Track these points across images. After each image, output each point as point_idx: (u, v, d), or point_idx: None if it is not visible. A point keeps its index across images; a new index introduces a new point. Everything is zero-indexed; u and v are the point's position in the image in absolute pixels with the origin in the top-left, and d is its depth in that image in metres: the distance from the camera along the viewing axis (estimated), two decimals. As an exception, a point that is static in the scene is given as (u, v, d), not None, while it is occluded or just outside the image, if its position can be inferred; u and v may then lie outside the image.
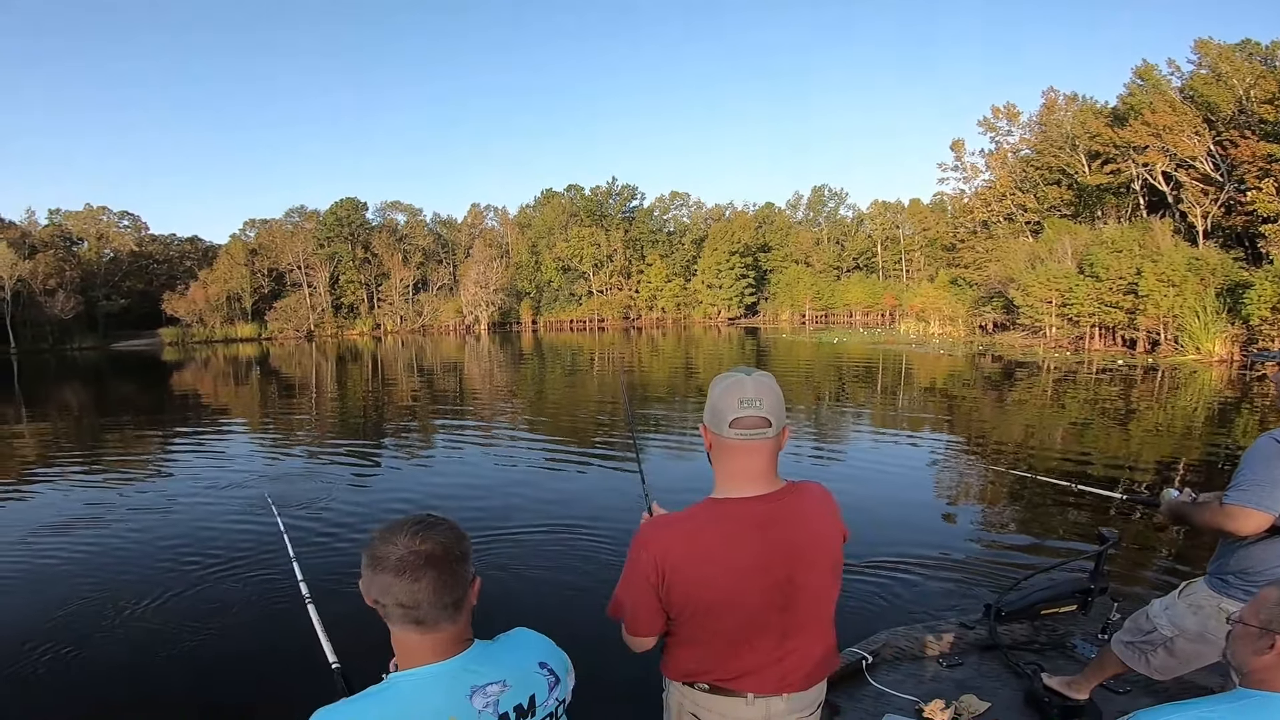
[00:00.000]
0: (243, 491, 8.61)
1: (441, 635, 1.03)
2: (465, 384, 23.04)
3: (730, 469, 1.39)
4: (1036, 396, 16.35)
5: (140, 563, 6.13)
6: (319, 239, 63.37)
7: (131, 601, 5.19)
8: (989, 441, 11.10)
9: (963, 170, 43.50)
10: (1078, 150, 35.52)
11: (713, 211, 75.29)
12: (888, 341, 35.53)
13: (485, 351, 39.35)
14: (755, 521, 1.35)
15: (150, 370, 35.25)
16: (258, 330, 60.14)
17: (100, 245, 63.81)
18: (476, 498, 8.04)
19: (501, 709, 1.03)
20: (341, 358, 38.50)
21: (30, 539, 6.90)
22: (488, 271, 61.89)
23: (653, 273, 66.69)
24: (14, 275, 51.47)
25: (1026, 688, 2.74)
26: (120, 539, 6.84)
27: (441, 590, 1.00)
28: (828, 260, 69.39)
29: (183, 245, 70.62)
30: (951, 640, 3.16)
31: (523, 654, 1.12)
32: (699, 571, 1.33)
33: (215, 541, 6.57)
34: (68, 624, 4.86)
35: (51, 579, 5.78)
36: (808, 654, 1.44)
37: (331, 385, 24.57)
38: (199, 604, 5.15)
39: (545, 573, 5.53)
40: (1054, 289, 28.73)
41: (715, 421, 1.37)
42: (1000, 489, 8.20)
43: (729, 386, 1.37)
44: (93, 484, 9.56)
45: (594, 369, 27.32)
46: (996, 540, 6.29)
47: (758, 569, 1.34)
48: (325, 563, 5.85)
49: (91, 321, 58.40)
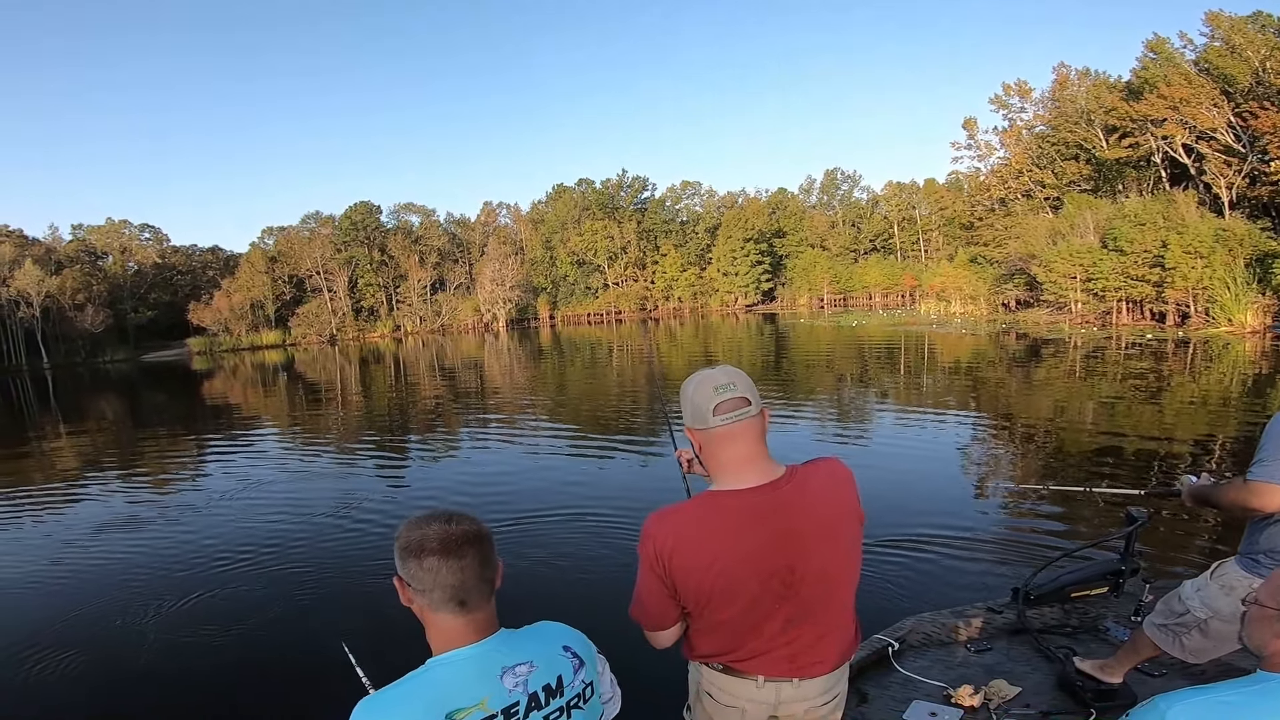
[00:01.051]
0: (273, 491, 8.84)
1: (479, 616, 1.09)
2: (487, 381, 23.27)
3: (723, 459, 1.39)
4: (1064, 373, 16.10)
5: (175, 563, 6.37)
6: (336, 244, 64.17)
7: (166, 600, 5.42)
8: (1016, 421, 10.97)
9: (977, 148, 42.71)
10: (1094, 125, 34.69)
11: (725, 199, 74.83)
12: (908, 322, 35.14)
13: (505, 348, 39.64)
14: (753, 512, 1.35)
15: (181, 380, 36.07)
16: (282, 336, 61.15)
17: (124, 258, 65.21)
18: (503, 488, 8.19)
19: (530, 688, 1.07)
20: (364, 360, 39.04)
21: (73, 542, 7.20)
22: (503, 269, 62.22)
23: (667, 263, 66.51)
24: (42, 291, 52.84)
25: (1058, 672, 2.70)
26: (157, 541, 7.11)
27: (483, 566, 1.08)
28: (844, 243, 68.65)
29: (204, 255, 71.89)
30: (979, 625, 3.12)
31: (546, 638, 1.16)
32: (696, 560, 1.34)
33: (245, 541, 6.82)
34: (98, 622, 5.11)
35: (94, 580, 6.05)
36: (817, 640, 1.44)
37: (356, 387, 24.97)
38: (229, 602, 5.35)
39: (572, 561, 5.67)
40: (1077, 264, 28.18)
41: (698, 417, 1.38)
42: (1026, 470, 8.12)
43: (700, 381, 1.40)
44: (130, 490, 9.89)
45: (613, 361, 27.42)
46: (1022, 523, 6.24)
47: (755, 557, 1.34)
48: (362, 553, 6.03)
49: (122, 334, 59.81)
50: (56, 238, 63.55)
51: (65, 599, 5.73)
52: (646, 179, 69.55)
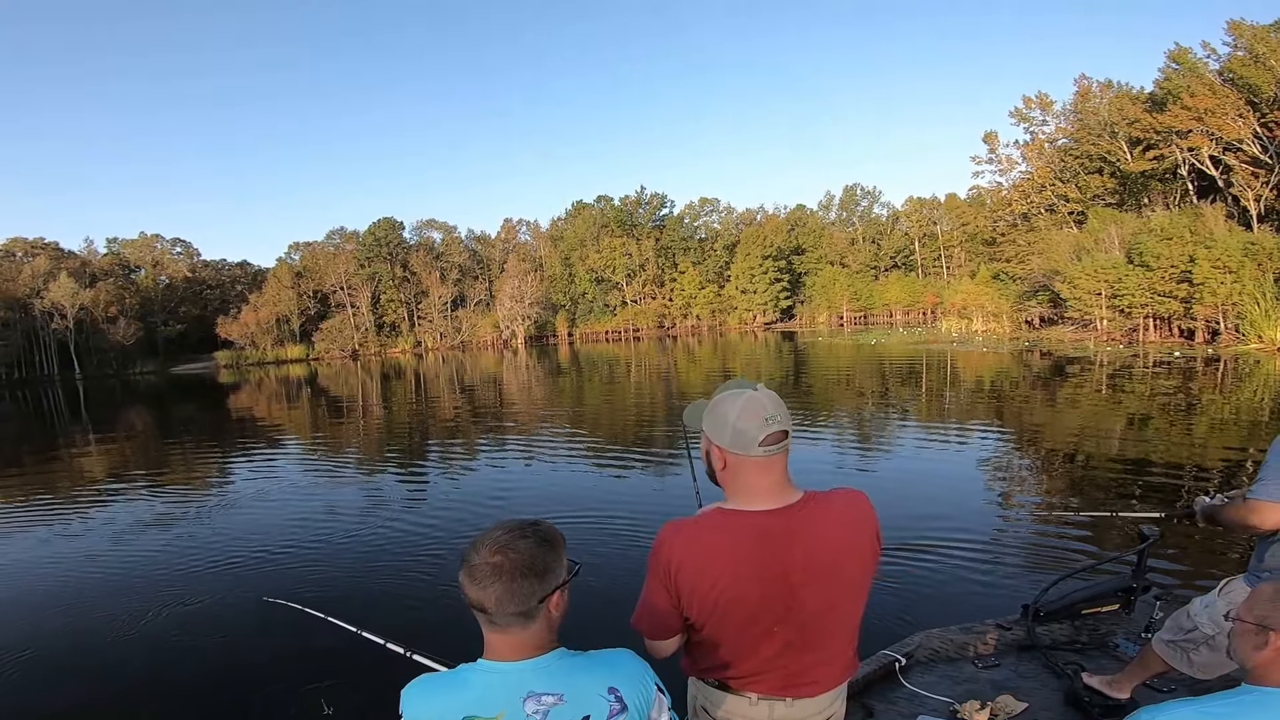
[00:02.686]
0: (297, 501, 8.98)
1: (512, 637, 1.10)
2: (505, 397, 23.45)
3: (747, 484, 1.39)
4: (1090, 391, 15.80)
5: (199, 564, 6.49)
6: (359, 259, 65.42)
7: (176, 602, 5.53)
8: (1040, 440, 10.79)
9: (998, 163, 42.38)
10: (1118, 137, 34.27)
11: (743, 216, 75.00)
12: (930, 340, 34.76)
13: (523, 365, 39.93)
14: (759, 533, 1.36)
15: (209, 392, 36.85)
16: (306, 351, 62.30)
17: (156, 272, 67.10)
18: (518, 499, 8.23)
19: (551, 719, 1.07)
20: (386, 375, 39.55)
21: (99, 545, 7.37)
22: (522, 285, 62.87)
23: (685, 280, 66.69)
24: (76, 304, 54.49)
25: (1066, 688, 2.68)
26: (180, 544, 7.24)
27: (506, 601, 1.07)
28: (864, 260, 68.32)
29: (233, 270, 73.74)
30: (987, 641, 3.10)
31: (595, 674, 1.12)
32: (702, 574, 1.36)
33: (268, 545, 6.94)
34: (117, 619, 5.22)
35: (119, 580, 6.18)
36: (814, 664, 1.44)
37: (378, 402, 25.30)
38: (248, 603, 5.42)
39: (591, 570, 5.67)
40: (1103, 280, 27.72)
41: (740, 443, 1.36)
42: (1049, 488, 8.00)
43: (748, 405, 1.37)
44: (156, 497, 10.10)
45: (631, 379, 27.48)
46: (1036, 540, 6.19)
47: (756, 578, 1.36)
48: (382, 558, 6.11)
49: (152, 347, 61.41)
50: (91, 250, 65.61)
51: (92, 598, 5.89)
52: (665, 196, 70.12)
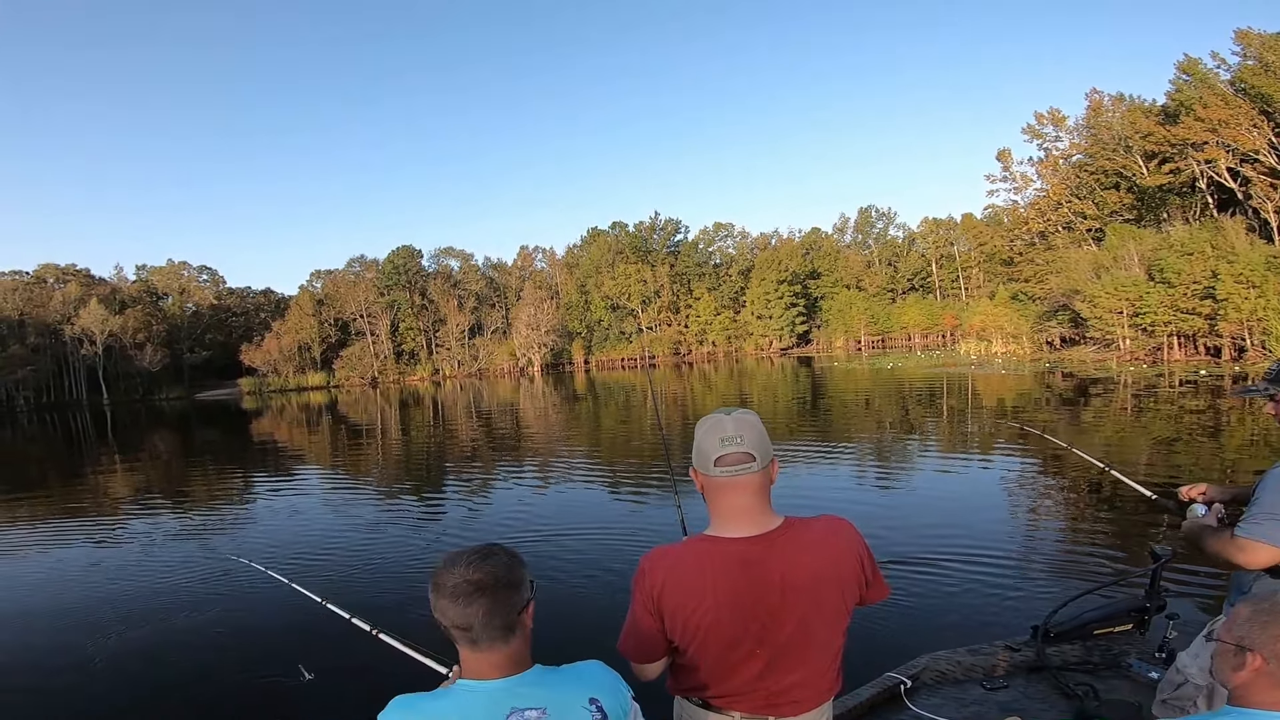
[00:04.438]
0: (312, 522, 9.06)
1: (494, 655, 1.12)
2: (521, 425, 23.53)
3: (719, 507, 1.44)
4: (1115, 412, 15.51)
5: (211, 580, 6.58)
6: (379, 287, 66.59)
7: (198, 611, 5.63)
8: (1065, 463, 10.57)
9: (1012, 180, 42.19)
10: (1132, 151, 34.03)
11: (758, 240, 75.24)
12: (948, 364, 34.37)
13: (539, 392, 40.10)
14: (737, 560, 1.40)
15: (232, 418, 37.42)
16: (326, 378, 63.20)
17: (183, 299, 68.86)
18: (530, 530, 8.24)
19: None
20: (404, 403, 39.92)
21: (117, 559, 7.48)
22: (539, 313, 63.36)
23: (701, 306, 66.82)
24: (105, 330, 55.88)
25: (1077, 709, 2.61)
26: (196, 564, 7.34)
27: (492, 615, 1.10)
28: (880, 283, 68.01)
29: (257, 298, 75.43)
30: (996, 663, 3.04)
31: (575, 686, 1.15)
32: (684, 599, 1.40)
33: (283, 565, 6.96)
34: (132, 625, 5.30)
35: (133, 591, 6.28)
36: (794, 685, 1.47)
37: (396, 429, 25.51)
38: (260, 618, 5.49)
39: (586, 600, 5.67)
40: (1123, 298, 27.36)
41: (702, 462, 1.43)
42: (1054, 510, 7.88)
43: (710, 426, 1.43)
44: (176, 518, 10.24)
45: (646, 406, 27.46)
46: (1044, 562, 6.11)
47: (733, 604, 1.39)
48: (393, 590, 6.14)
49: (178, 373, 62.69)
50: (121, 277, 67.53)
51: (113, 606, 6.10)
52: (679, 221, 70.72)
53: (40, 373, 54.18)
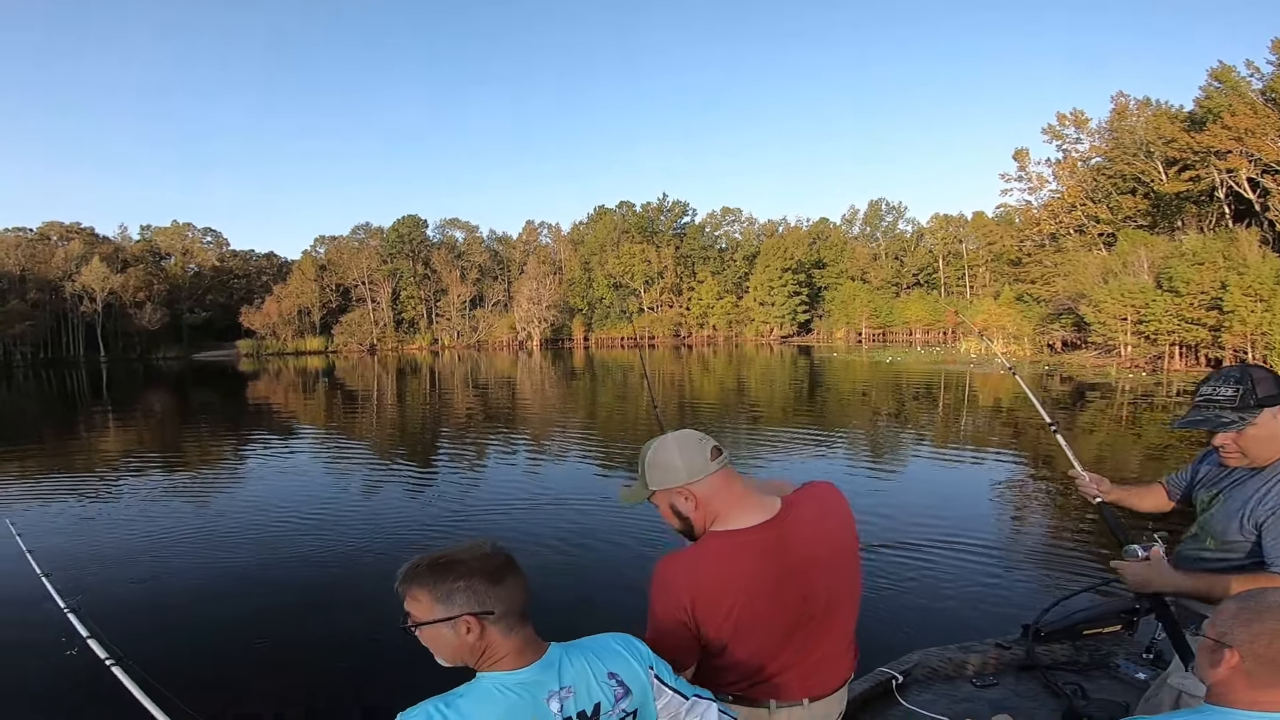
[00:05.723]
0: (300, 491, 9.04)
1: (526, 633, 1.12)
2: (518, 399, 23.51)
3: (724, 501, 1.43)
4: (1110, 420, 15.46)
5: (196, 544, 6.57)
6: (382, 255, 66.22)
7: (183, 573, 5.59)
8: (1054, 465, 10.54)
9: (1027, 181, 41.75)
10: (1153, 157, 33.60)
11: (765, 227, 74.71)
12: (948, 360, 34.28)
13: (537, 367, 40.06)
14: (763, 547, 1.39)
15: (229, 380, 37.44)
16: (325, 343, 63.12)
17: (185, 260, 68.52)
18: (518, 510, 8.21)
19: (566, 713, 1.09)
20: (401, 371, 39.92)
21: (101, 521, 7.47)
22: (541, 288, 63.14)
23: (704, 290, 66.56)
24: (106, 288, 55.67)
25: (1065, 708, 2.65)
26: (181, 526, 7.33)
27: (523, 591, 1.12)
28: (885, 276, 67.65)
29: (260, 261, 75.05)
30: (986, 660, 3.08)
31: (595, 662, 1.16)
32: (718, 600, 1.37)
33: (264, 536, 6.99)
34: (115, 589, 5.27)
35: (117, 550, 6.26)
36: (824, 660, 1.49)
37: (392, 398, 25.50)
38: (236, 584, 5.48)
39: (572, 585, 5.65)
40: (1129, 305, 27.17)
41: (695, 469, 1.41)
42: (1046, 511, 7.85)
43: (679, 440, 1.44)
44: (161, 480, 10.23)
45: (644, 388, 27.41)
46: (1036, 562, 6.13)
47: (771, 591, 1.39)
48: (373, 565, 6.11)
49: (177, 333, 62.62)
50: (125, 237, 67.15)
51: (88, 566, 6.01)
52: (687, 204, 70.14)
53: (39, 328, 54.04)
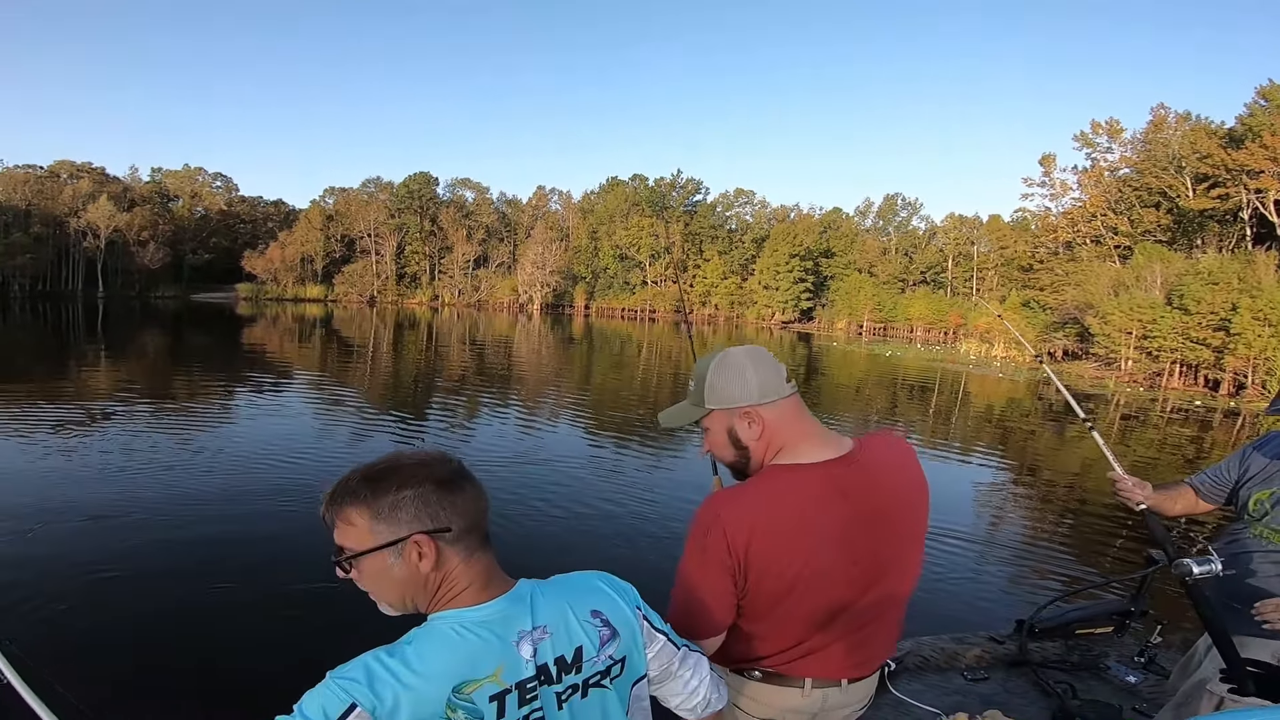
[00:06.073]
0: (284, 440, 8.98)
1: (486, 560, 0.93)
2: (514, 361, 23.41)
3: (794, 432, 1.21)
4: (1100, 431, 15.36)
5: (171, 491, 6.51)
6: (390, 209, 65.59)
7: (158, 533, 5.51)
8: (1039, 472, 10.49)
9: (1050, 187, 41.24)
10: (1184, 172, 33.06)
11: (777, 212, 73.94)
12: (947, 360, 34.15)
13: (536, 331, 39.91)
14: (838, 487, 1.16)
15: (225, 322, 37.32)
16: (325, 292, 62.83)
17: (193, 203, 67.83)
18: (504, 468, 8.14)
19: (540, 659, 0.89)
20: (400, 325, 39.78)
21: (80, 459, 7.40)
22: (546, 253, 62.71)
23: (709, 268, 66.08)
24: (110, 226, 55.22)
25: (1054, 707, 2.64)
26: (159, 472, 7.27)
27: (481, 502, 0.93)
28: (893, 271, 67.14)
29: (267, 207, 74.33)
30: (978, 654, 3.05)
31: (573, 598, 0.96)
32: (782, 548, 1.13)
33: (248, 484, 6.95)
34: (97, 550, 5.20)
35: (94, 495, 6.19)
36: (873, 635, 1.27)
37: (388, 350, 25.41)
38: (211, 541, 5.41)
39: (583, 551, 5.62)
40: (1136, 319, 26.92)
41: (769, 389, 1.20)
42: (1044, 513, 7.78)
43: (754, 356, 1.23)
44: (147, 420, 10.18)
45: (641, 359, 27.30)
46: (1033, 560, 6.11)
47: (844, 540, 1.16)
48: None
49: (177, 273, 62.25)
50: (135, 178, 66.39)
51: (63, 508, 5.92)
52: (700, 182, 69.25)
53: (39, 261, 53.62)
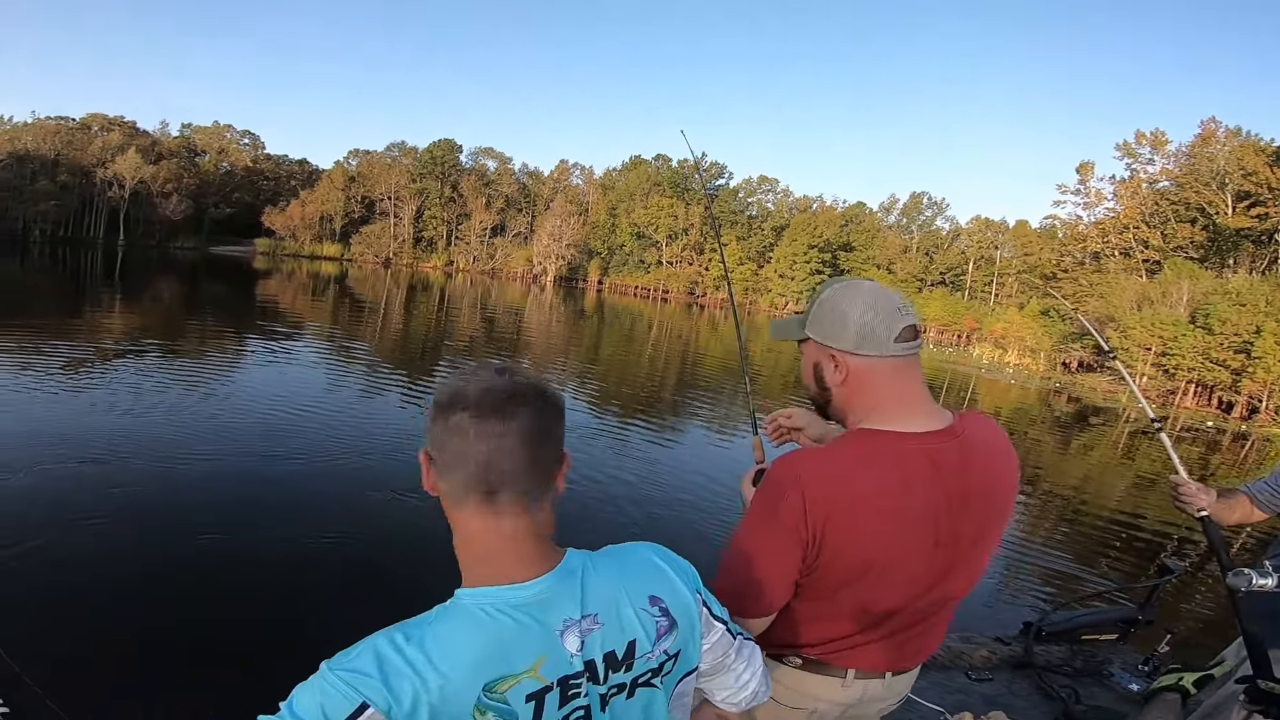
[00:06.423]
0: (290, 394, 9.04)
1: (523, 522, 0.73)
2: (523, 330, 23.41)
3: (891, 395, 1.06)
4: (1106, 445, 15.17)
5: (171, 443, 6.57)
6: (412, 174, 65.47)
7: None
8: (1045, 476, 10.37)
9: (1085, 195, 40.45)
10: (1225, 189, 32.24)
11: (799, 202, 73.06)
12: (958, 362, 33.82)
13: (548, 303, 39.87)
14: (931, 461, 1.02)
15: (241, 275, 37.56)
16: (341, 251, 63.01)
17: (219, 159, 67.99)
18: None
19: (588, 654, 0.73)
20: (413, 287, 39.88)
21: (83, 419, 7.48)
22: (564, 226, 62.50)
23: (726, 253, 65.56)
24: (136, 177, 55.54)
25: (1058, 711, 2.63)
26: (163, 421, 7.33)
27: (532, 442, 0.71)
28: (912, 270, 66.42)
29: (292, 166, 74.39)
30: (984, 654, 3.03)
31: (628, 580, 0.79)
32: (865, 525, 1.00)
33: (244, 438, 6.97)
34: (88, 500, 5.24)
35: (98, 445, 6.26)
36: (932, 628, 1.16)
37: (399, 311, 25.48)
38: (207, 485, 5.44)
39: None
40: (1157, 335, 26.46)
41: (869, 338, 1.05)
42: (1050, 519, 7.69)
43: (873, 295, 1.08)
44: (156, 368, 10.27)
45: (650, 338, 27.23)
46: (1043, 564, 6.10)
47: (932, 520, 1.03)
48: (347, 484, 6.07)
49: (198, 225, 62.54)
50: (165, 132, 66.55)
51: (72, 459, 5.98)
52: (724, 166, 68.47)
53: (63, 209, 54.03)
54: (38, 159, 53.38)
